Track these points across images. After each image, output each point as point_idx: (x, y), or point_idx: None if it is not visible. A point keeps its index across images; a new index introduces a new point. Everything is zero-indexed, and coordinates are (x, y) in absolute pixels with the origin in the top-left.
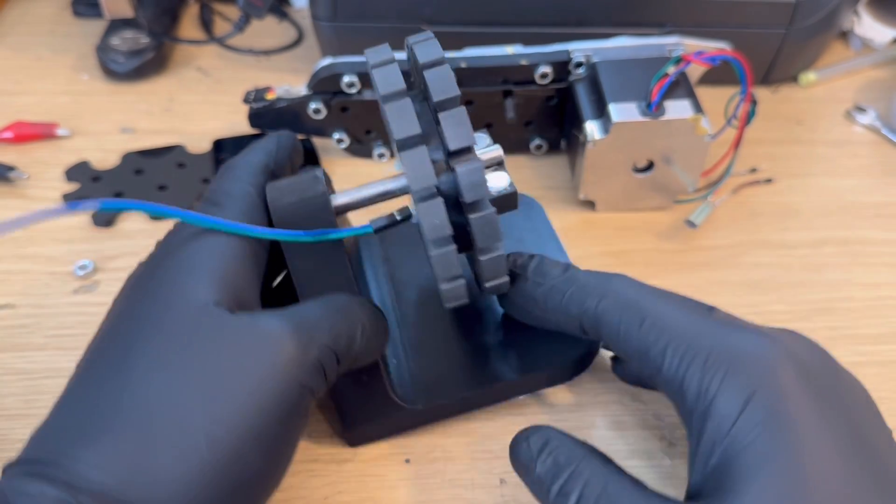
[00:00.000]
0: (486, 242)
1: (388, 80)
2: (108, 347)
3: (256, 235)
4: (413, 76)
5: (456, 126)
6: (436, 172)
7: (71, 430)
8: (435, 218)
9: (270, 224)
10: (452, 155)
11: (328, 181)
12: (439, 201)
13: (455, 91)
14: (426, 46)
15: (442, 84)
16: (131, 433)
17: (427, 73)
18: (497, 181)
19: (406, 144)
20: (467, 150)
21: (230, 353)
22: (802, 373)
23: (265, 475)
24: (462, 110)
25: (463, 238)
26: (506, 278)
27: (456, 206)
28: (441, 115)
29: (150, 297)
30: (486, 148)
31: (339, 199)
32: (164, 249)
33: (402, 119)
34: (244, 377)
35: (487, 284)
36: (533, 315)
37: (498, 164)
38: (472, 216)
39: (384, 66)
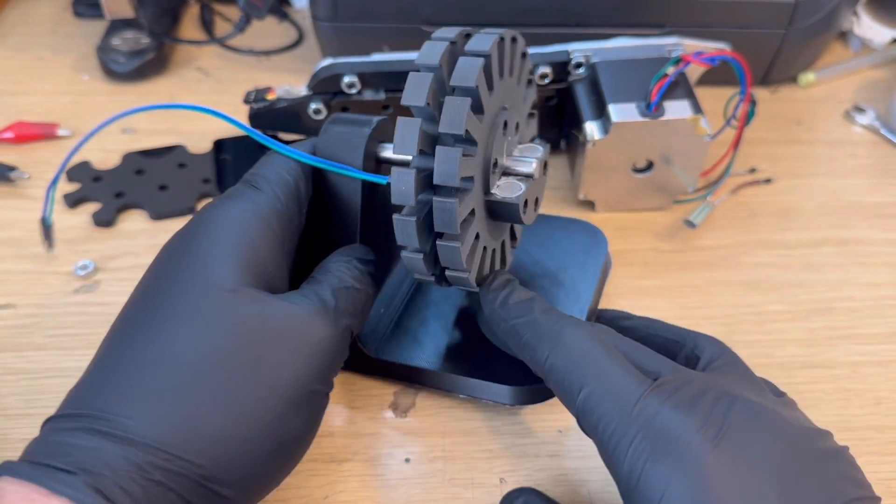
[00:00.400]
0: (441, 227)
1: (427, 54)
2: (145, 314)
3: (286, 153)
4: None
5: (454, 112)
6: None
7: (113, 387)
8: (402, 185)
9: (309, 213)
10: (444, 138)
11: (388, 132)
12: (412, 171)
13: (471, 82)
14: (482, 39)
15: (464, 72)
16: (178, 392)
17: (460, 59)
18: (508, 189)
19: (406, 112)
20: (458, 139)
21: (268, 332)
22: (730, 448)
23: (302, 438)
24: (465, 101)
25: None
26: (465, 274)
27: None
28: (446, 99)
29: (182, 272)
30: (523, 158)
31: (384, 151)
32: (198, 223)
33: (413, 89)
34: (286, 353)
35: (446, 272)
36: (499, 340)
37: (525, 177)
38: (434, 198)
39: (435, 41)
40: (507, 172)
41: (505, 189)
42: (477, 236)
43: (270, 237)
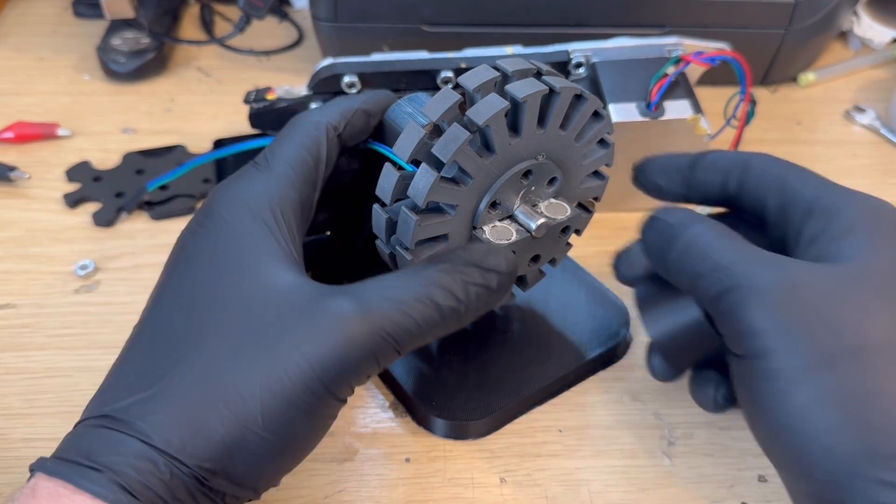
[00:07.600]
0: (400, 236)
1: (474, 75)
2: (178, 315)
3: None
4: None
5: (449, 140)
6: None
7: (138, 390)
8: (385, 183)
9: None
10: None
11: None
12: (397, 174)
13: (481, 119)
14: (524, 84)
15: (481, 108)
16: (194, 398)
17: (489, 96)
18: (498, 233)
19: (411, 121)
20: (442, 165)
21: (298, 333)
22: None
23: (308, 442)
24: (464, 134)
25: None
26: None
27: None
28: (451, 126)
29: (223, 270)
30: (536, 212)
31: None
32: (220, 216)
33: (436, 102)
34: (307, 356)
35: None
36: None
37: (525, 230)
38: (402, 207)
39: (487, 69)
40: (513, 218)
41: (495, 232)
42: None
43: (297, 220)
